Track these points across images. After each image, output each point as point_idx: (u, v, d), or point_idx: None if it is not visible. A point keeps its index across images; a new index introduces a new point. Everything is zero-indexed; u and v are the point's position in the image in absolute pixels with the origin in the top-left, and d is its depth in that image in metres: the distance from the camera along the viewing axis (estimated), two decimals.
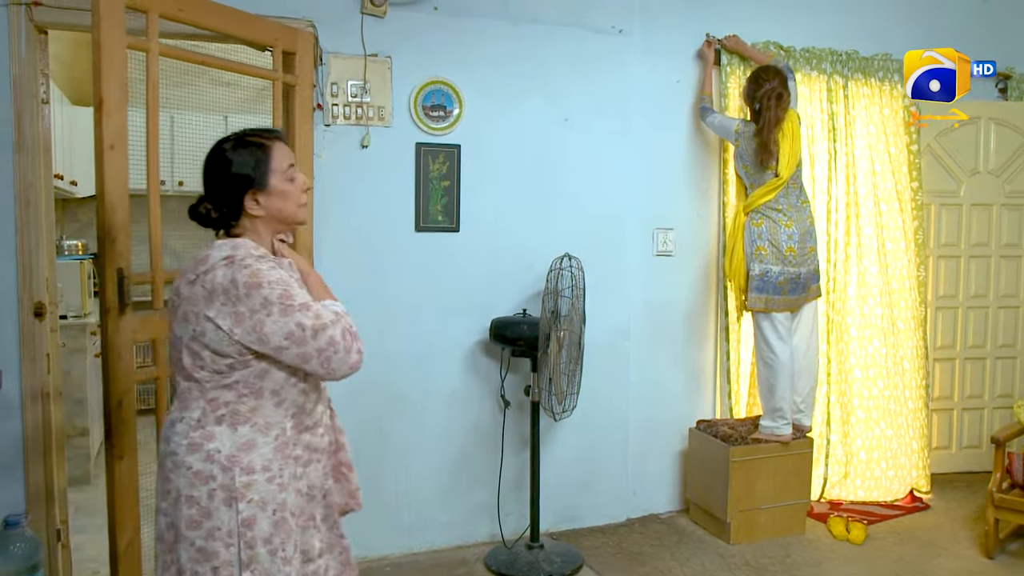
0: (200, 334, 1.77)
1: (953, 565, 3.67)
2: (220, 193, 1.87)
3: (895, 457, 4.42)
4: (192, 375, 1.82)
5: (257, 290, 1.73)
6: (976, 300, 4.90)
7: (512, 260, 3.80)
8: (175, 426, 1.83)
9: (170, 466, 1.81)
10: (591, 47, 3.92)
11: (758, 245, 3.78)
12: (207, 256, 1.80)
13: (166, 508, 1.83)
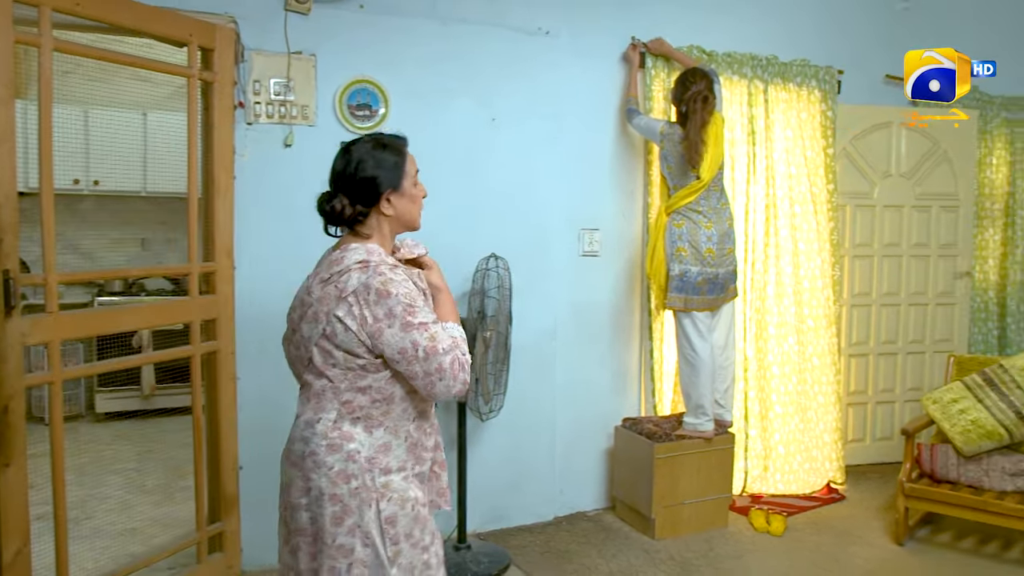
0: (331, 334, 1.86)
1: (866, 553, 3.81)
2: (361, 190, 1.93)
3: (809, 450, 4.57)
4: (324, 372, 1.89)
5: (385, 299, 1.81)
6: (888, 298, 5.10)
7: (439, 260, 3.75)
8: (314, 426, 1.89)
9: (311, 465, 1.88)
10: (519, 48, 3.94)
11: (678, 246, 3.85)
12: (341, 258, 1.88)
13: (307, 504, 1.89)
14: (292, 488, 1.94)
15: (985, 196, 5.44)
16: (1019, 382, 3.92)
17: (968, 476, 3.80)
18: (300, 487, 1.91)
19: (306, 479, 1.90)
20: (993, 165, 5.47)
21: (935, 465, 3.88)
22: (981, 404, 3.89)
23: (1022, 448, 3.80)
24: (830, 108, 4.68)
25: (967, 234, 5.28)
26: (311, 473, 1.88)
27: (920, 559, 3.77)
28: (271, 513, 3.45)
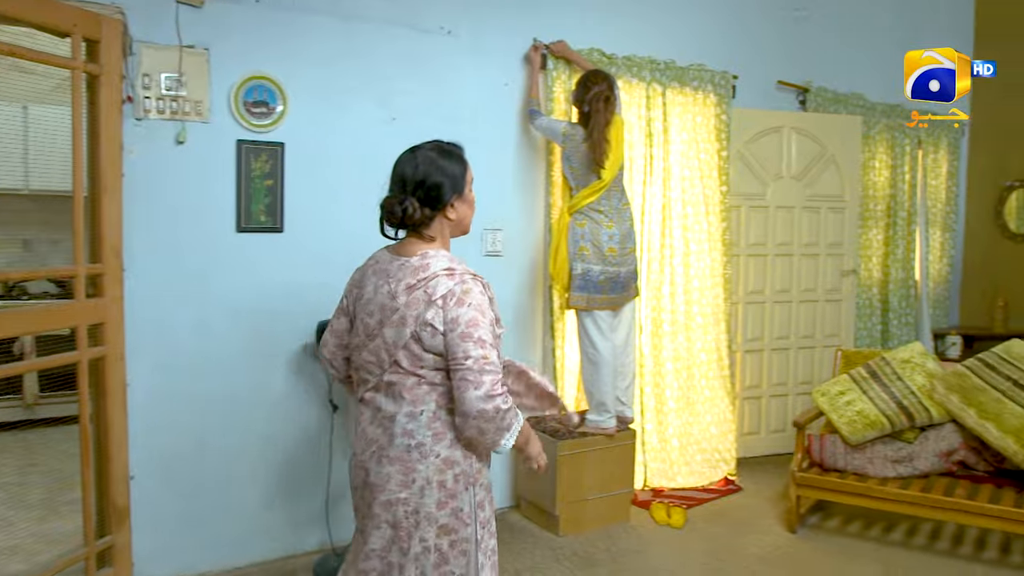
0: (419, 338, 1.95)
1: (761, 541, 3.95)
2: (431, 194, 2.03)
3: (700, 443, 4.72)
4: (415, 372, 1.98)
5: (459, 306, 1.94)
6: (781, 295, 5.30)
7: (340, 261, 3.67)
8: (417, 418, 1.98)
9: (417, 456, 1.97)
10: (420, 47, 3.92)
11: (581, 245, 3.91)
12: (426, 264, 1.98)
13: (407, 498, 1.96)
14: (389, 484, 1.98)
15: (869, 198, 5.72)
16: (900, 374, 4.13)
17: (854, 464, 3.99)
18: (399, 481, 1.97)
19: (408, 471, 1.97)
20: (876, 168, 5.77)
21: (824, 455, 4.05)
22: (866, 395, 4.09)
23: (903, 436, 4.01)
24: (725, 112, 4.84)
25: (853, 234, 5.53)
26: (417, 464, 1.97)
27: (810, 544, 3.93)
28: (165, 524, 3.36)
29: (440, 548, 1.97)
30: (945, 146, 6.46)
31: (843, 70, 5.65)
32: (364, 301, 2.06)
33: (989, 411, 3.75)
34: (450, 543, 1.98)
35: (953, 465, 3.94)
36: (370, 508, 2.03)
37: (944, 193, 6.50)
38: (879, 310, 5.90)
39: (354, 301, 2.13)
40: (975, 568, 3.68)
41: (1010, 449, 3.65)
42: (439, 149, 2.07)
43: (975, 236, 6.86)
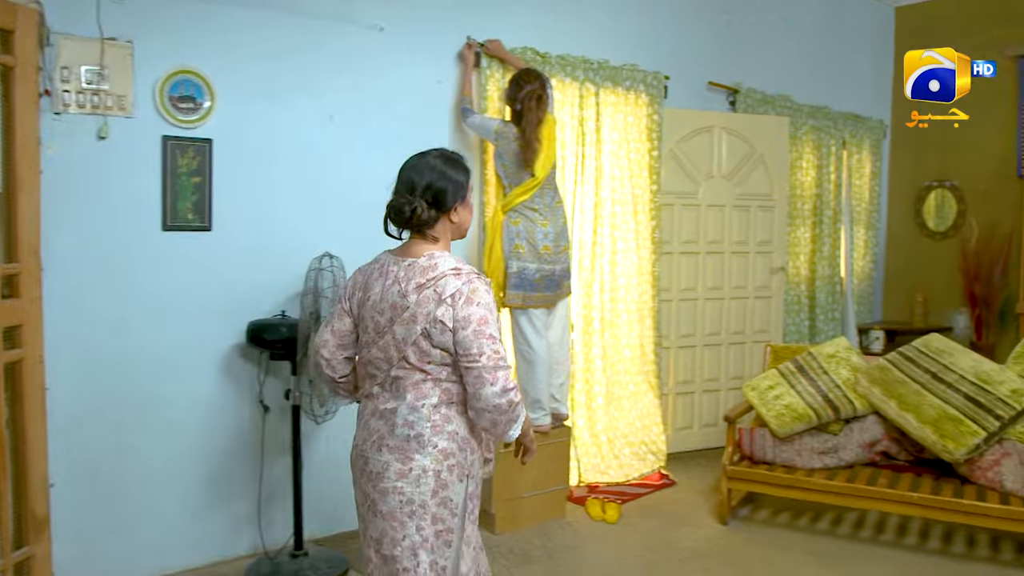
0: (428, 334, 2.05)
1: (693, 534, 4.02)
2: (443, 196, 2.14)
3: (627, 437, 4.80)
4: (421, 367, 2.08)
5: (469, 305, 2.04)
6: (713, 292, 5.40)
7: (271, 260, 3.67)
8: (418, 410, 2.08)
9: (415, 446, 2.06)
10: (355, 43, 3.87)
11: (516, 243, 3.91)
12: (434, 264, 2.08)
13: (402, 487, 2.05)
14: (387, 472, 2.07)
15: (796, 197, 5.87)
16: (826, 368, 4.25)
17: (782, 457, 4.09)
18: (398, 469, 2.07)
19: (407, 460, 2.06)
20: (803, 168, 5.92)
21: (754, 448, 4.14)
22: (793, 390, 4.19)
23: (829, 428, 4.13)
24: (657, 112, 4.91)
25: (781, 232, 5.67)
26: (415, 454, 2.06)
27: (741, 536, 4.01)
28: (88, 531, 3.25)
29: (428, 538, 2.07)
30: (868, 147, 6.67)
31: (771, 72, 5.79)
32: (372, 302, 2.14)
33: (909, 403, 3.89)
34: (436, 532, 2.07)
35: (876, 455, 4.07)
36: (367, 498, 2.13)
37: (867, 193, 6.71)
38: (807, 306, 6.06)
39: (359, 303, 2.20)
40: (897, 554, 3.80)
41: (929, 439, 3.78)
42: (444, 156, 2.20)
43: (896, 234, 7.11)
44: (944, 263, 6.74)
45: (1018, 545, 3.84)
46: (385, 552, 2.08)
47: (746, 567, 3.64)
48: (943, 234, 6.83)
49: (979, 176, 6.62)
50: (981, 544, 3.89)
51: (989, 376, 3.84)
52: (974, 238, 6.51)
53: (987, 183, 6.57)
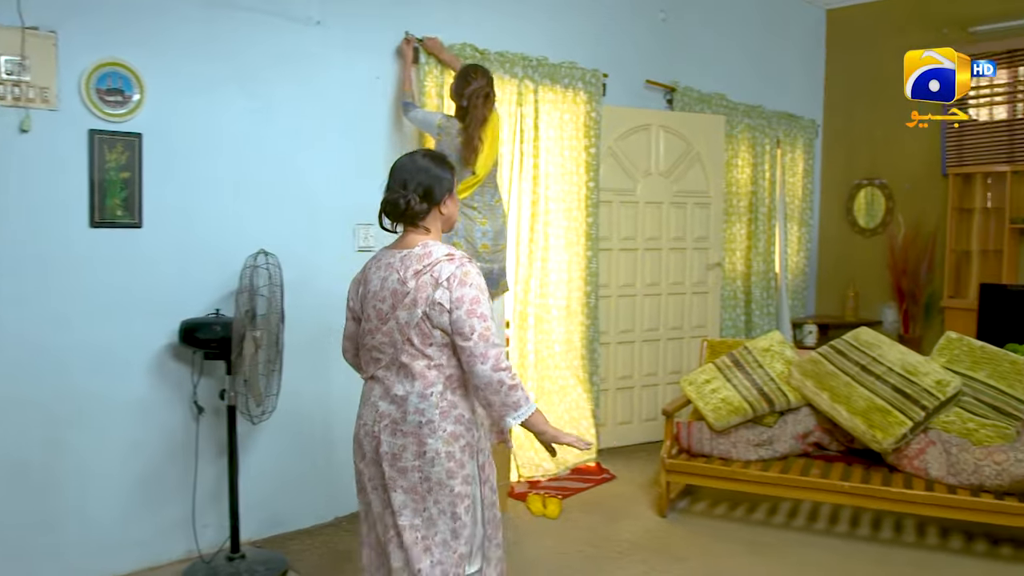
0: (428, 316, 2.23)
1: (634, 526, 4.06)
2: (433, 191, 2.33)
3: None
4: (423, 352, 2.27)
5: (462, 286, 2.23)
6: (651, 288, 5.47)
7: (204, 258, 3.59)
8: (428, 399, 2.26)
9: (427, 432, 2.26)
10: (290, 37, 3.81)
11: (454, 241, 3.90)
12: (429, 252, 2.27)
13: (420, 465, 2.26)
14: (405, 454, 2.28)
15: (732, 194, 5.98)
16: (761, 362, 4.34)
17: (719, 449, 4.16)
18: (414, 451, 2.27)
19: (421, 444, 2.26)
20: (738, 166, 6.03)
21: (691, 441, 4.21)
22: (730, 383, 4.27)
23: (764, 421, 4.22)
24: (595, 110, 4.95)
25: (718, 228, 5.77)
26: (427, 438, 2.26)
27: (680, 527, 4.08)
28: (12, 537, 3.15)
29: (452, 510, 2.28)
30: (801, 146, 6.83)
31: (707, 71, 5.89)
32: (372, 293, 2.33)
33: (840, 395, 3.99)
34: (459, 503, 2.29)
35: (809, 446, 4.18)
36: (381, 475, 2.32)
37: (801, 190, 6.87)
38: (743, 301, 6.18)
39: (360, 297, 2.40)
40: (828, 541, 3.91)
41: (859, 429, 3.89)
42: (431, 156, 2.41)
43: (828, 231, 7.30)
44: (874, 259, 6.96)
45: (942, 530, 3.98)
46: (402, 522, 2.28)
47: (684, 558, 3.70)
48: (873, 231, 7.04)
49: (906, 175, 6.84)
50: (907, 530, 4.02)
51: (915, 368, 3.97)
52: (901, 235, 6.73)
53: (913, 181, 6.80)
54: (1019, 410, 3.88)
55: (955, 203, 6.40)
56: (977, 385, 3.97)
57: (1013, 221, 6.11)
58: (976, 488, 3.66)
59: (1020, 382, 3.92)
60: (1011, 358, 4.02)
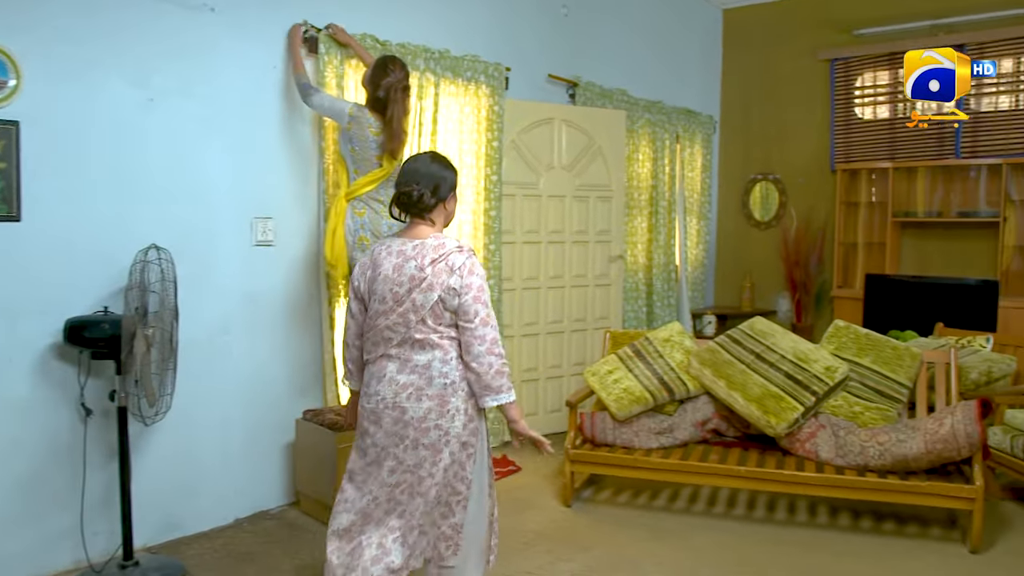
0: (443, 299, 2.57)
1: (539, 517, 4.10)
2: (443, 188, 2.67)
3: None
4: (436, 328, 2.60)
5: (471, 275, 2.59)
6: (554, 280, 5.52)
7: (90, 253, 3.42)
8: (448, 363, 2.61)
9: (451, 392, 2.60)
10: (179, 23, 3.66)
11: (361, 235, 3.84)
12: (442, 244, 2.61)
13: (441, 423, 2.60)
14: (429, 416, 2.59)
15: (633, 188, 6.10)
16: (661, 352, 4.44)
17: (622, 438, 4.24)
18: (437, 412, 2.60)
19: (444, 403, 2.60)
20: (639, 160, 6.15)
21: (595, 431, 4.27)
22: (631, 373, 4.35)
23: (664, 409, 4.32)
24: (497, 103, 4.95)
25: (619, 222, 5.87)
26: (450, 397, 2.61)
27: (584, 516, 4.14)
28: None
29: (460, 459, 2.64)
30: (700, 141, 7.02)
31: (609, 67, 5.98)
32: (384, 277, 2.61)
33: (736, 382, 4.13)
34: (467, 454, 2.66)
35: (707, 433, 4.30)
36: (403, 438, 2.61)
37: (699, 184, 7.07)
38: (644, 293, 6.31)
39: (369, 280, 2.67)
40: (727, 524, 4.03)
41: (754, 415, 4.03)
42: (437, 158, 2.74)
43: (726, 224, 7.53)
44: (769, 251, 7.22)
45: (832, 509, 4.17)
46: (423, 473, 2.61)
47: (588, 546, 3.75)
48: (767, 224, 7.30)
49: (798, 170, 7.13)
50: (800, 510, 4.19)
51: (806, 355, 4.13)
52: (794, 228, 7.01)
53: (805, 177, 7.08)
54: (900, 393, 4.09)
55: (843, 197, 6.71)
56: (863, 370, 4.17)
57: (895, 215, 6.45)
58: (862, 468, 3.84)
59: (901, 367, 4.14)
60: (893, 344, 4.24)
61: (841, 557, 3.65)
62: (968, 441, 3.61)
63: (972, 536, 3.66)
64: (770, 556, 3.66)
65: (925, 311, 5.81)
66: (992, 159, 6.08)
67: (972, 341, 5.05)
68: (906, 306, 6.03)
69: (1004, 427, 4.31)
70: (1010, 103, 6.13)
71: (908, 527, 3.98)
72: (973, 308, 5.75)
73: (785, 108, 7.14)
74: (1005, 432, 4.26)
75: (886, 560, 3.63)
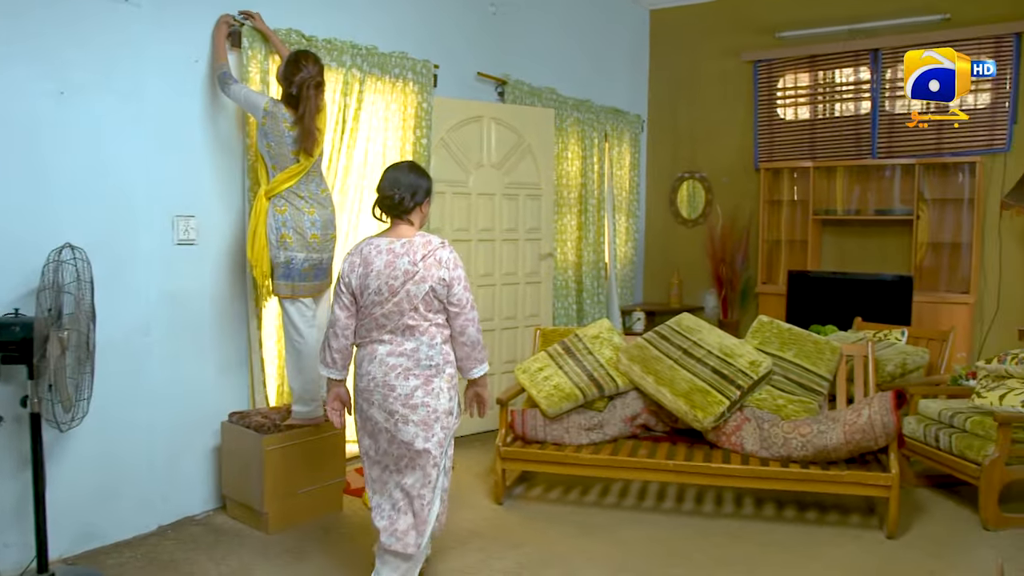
0: (434, 289, 2.98)
1: (471, 515, 4.09)
2: (419, 193, 3.10)
3: None
4: (426, 316, 3.01)
5: (457, 268, 3.04)
6: (485, 279, 5.51)
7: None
8: (436, 347, 3.04)
9: (434, 373, 3.04)
10: (94, 14, 3.52)
11: (283, 232, 3.77)
12: (428, 241, 3.03)
13: (428, 401, 3.02)
14: (416, 393, 3.01)
15: (563, 186, 6.13)
16: (591, 349, 4.48)
17: (553, 435, 4.26)
18: (424, 390, 3.02)
19: (428, 383, 3.03)
20: (568, 159, 6.19)
21: (526, 428, 4.29)
22: (562, 370, 4.38)
23: (594, 406, 4.36)
24: (426, 100, 4.92)
25: (549, 220, 5.90)
26: (433, 378, 3.04)
27: (516, 513, 4.15)
28: None
29: (447, 432, 3.09)
30: (628, 140, 7.11)
31: (538, 65, 6.00)
32: (376, 271, 2.98)
33: (664, 378, 4.19)
34: (452, 423, 3.13)
35: (637, 428, 4.35)
36: (395, 413, 3.00)
37: (628, 183, 7.15)
38: (574, 291, 6.36)
39: (360, 276, 3.02)
40: (656, 517, 4.10)
41: (682, 410, 4.10)
42: (414, 167, 3.18)
43: (654, 222, 7.65)
44: (696, 248, 7.36)
45: (757, 500, 4.27)
46: (418, 447, 3.00)
47: (520, 543, 3.76)
48: (694, 221, 7.44)
49: (723, 169, 7.28)
50: (727, 501, 4.28)
51: (731, 350, 4.22)
52: (719, 225, 7.15)
53: (730, 175, 7.24)
54: (821, 386, 4.22)
55: (766, 196, 6.88)
56: (786, 364, 4.28)
57: (816, 213, 6.64)
58: (785, 459, 3.95)
59: (822, 360, 4.26)
60: (814, 338, 4.37)
61: (766, 547, 3.74)
62: (884, 431, 3.74)
63: (889, 522, 3.80)
64: (698, 547, 3.73)
65: (844, 306, 6.00)
66: (906, 159, 6.31)
67: (888, 334, 5.24)
68: (827, 301, 6.22)
69: (918, 417, 4.48)
70: (922, 105, 6.37)
71: (829, 515, 4.10)
72: (889, 303, 5.96)
73: (711, 108, 7.28)
74: (919, 422, 4.42)
75: (809, 548, 3.73)
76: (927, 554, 3.67)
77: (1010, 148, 6.03)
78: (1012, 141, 6.02)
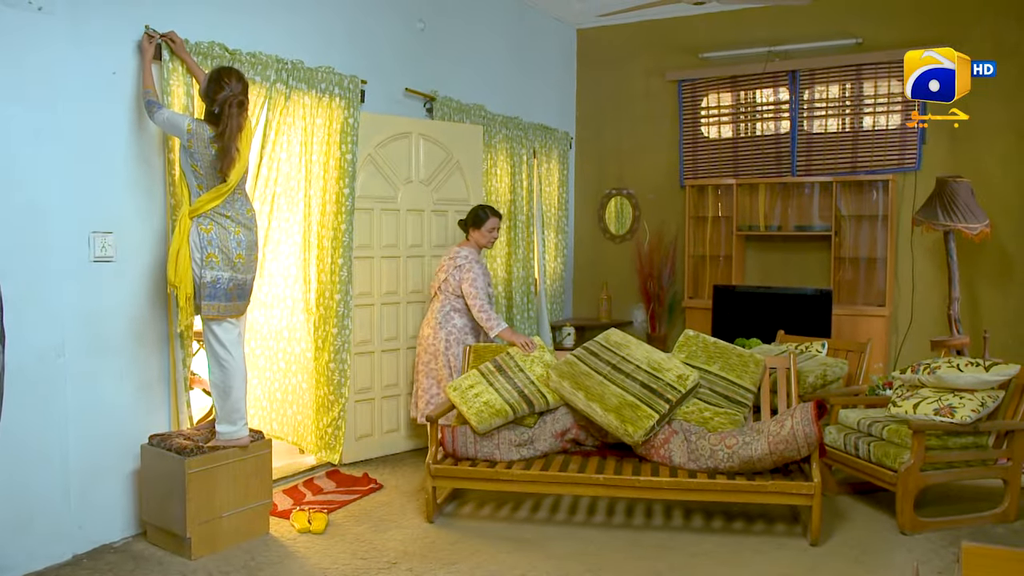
0: (452, 279, 4.92)
1: (402, 535, 4.04)
2: (468, 223, 5.06)
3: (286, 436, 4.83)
4: (445, 295, 4.94)
5: (465, 271, 4.88)
6: (414, 295, 5.48)
7: None
8: (443, 311, 4.97)
9: (439, 325, 4.95)
10: (4, 24, 3.39)
11: (208, 252, 3.68)
12: (459, 253, 4.97)
13: (435, 344, 4.94)
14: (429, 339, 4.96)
15: (492, 202, 6.14)
16: (521, 366, 4.49)
17: (484, 452, 4.25)
18: (433, 337, 4.93)
19: (437, 332, 4.93)
20: (497, 175, 6.22)
21: (456, 445, 4.26)
22: (492, 387, 4.37)
23: (524, 422, 4.36)
24: (352, 116, 4.87)
25: None
26: (440, 330, 4.92)
27: (447, 531, 4.11)
28: None
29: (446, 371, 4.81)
30: (556, 157, 7.18)
31: (466, 82, 6.02)
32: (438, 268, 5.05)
33: (594, 393, 4.22)
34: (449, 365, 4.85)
35: (567, 443, 4.37)
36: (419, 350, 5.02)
37: (556, 199, 7.21)
38: (504, 307, 6.37)
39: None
40: (587, 531, 4.11)
41: (612, 425, 4.13)
42: (482, 205, 5.06)
43: (583, 238, 7.73)
44: (624, 264, 7.46)
45: (686, 511, 4.33)
46: (432, 366, 4.93)
47: (452, 562, 3.73)
48: (622, 237, 7.55)
49: (650, 186, 7.41)
50: (657, 514, 4.33)
51: (659, 364, 4.28)
52: (647, 241, 7.27)
53: (656, 192, 7.37)
54: (746, 398, 4.31)
55: (692, 212, 7.02)
56: (711, 377, 4.36)
57: (739, 228, 6.81)
58: (712, 471, 4.01)
59: (747, 373, 4.36)
60: (739, 351, 4.46)
61: (696, 557, 3.79)
62: (807, 441, 3.84)
63: (812, 529, 3.89)
64: (629, 560, 3.76)
65: (768, 319, 6.16)
66: (824, 177, 6.54)
67: (809, 347, 5.39)
68: (751, 315, 6.37)
69: (838, 426, 4.62)
70: (838, 125, 6.62)
71: (756, 524, 4.18)
72: (810, 316, 6.15)
73: (637, 126, 7.41)
74: (839, 431, 4.55)
75: (737, 556, 3.80)
76: (849, 560, 3.77)
77: (920, 167, 6.31)
78: (921, 160, 6.30)
